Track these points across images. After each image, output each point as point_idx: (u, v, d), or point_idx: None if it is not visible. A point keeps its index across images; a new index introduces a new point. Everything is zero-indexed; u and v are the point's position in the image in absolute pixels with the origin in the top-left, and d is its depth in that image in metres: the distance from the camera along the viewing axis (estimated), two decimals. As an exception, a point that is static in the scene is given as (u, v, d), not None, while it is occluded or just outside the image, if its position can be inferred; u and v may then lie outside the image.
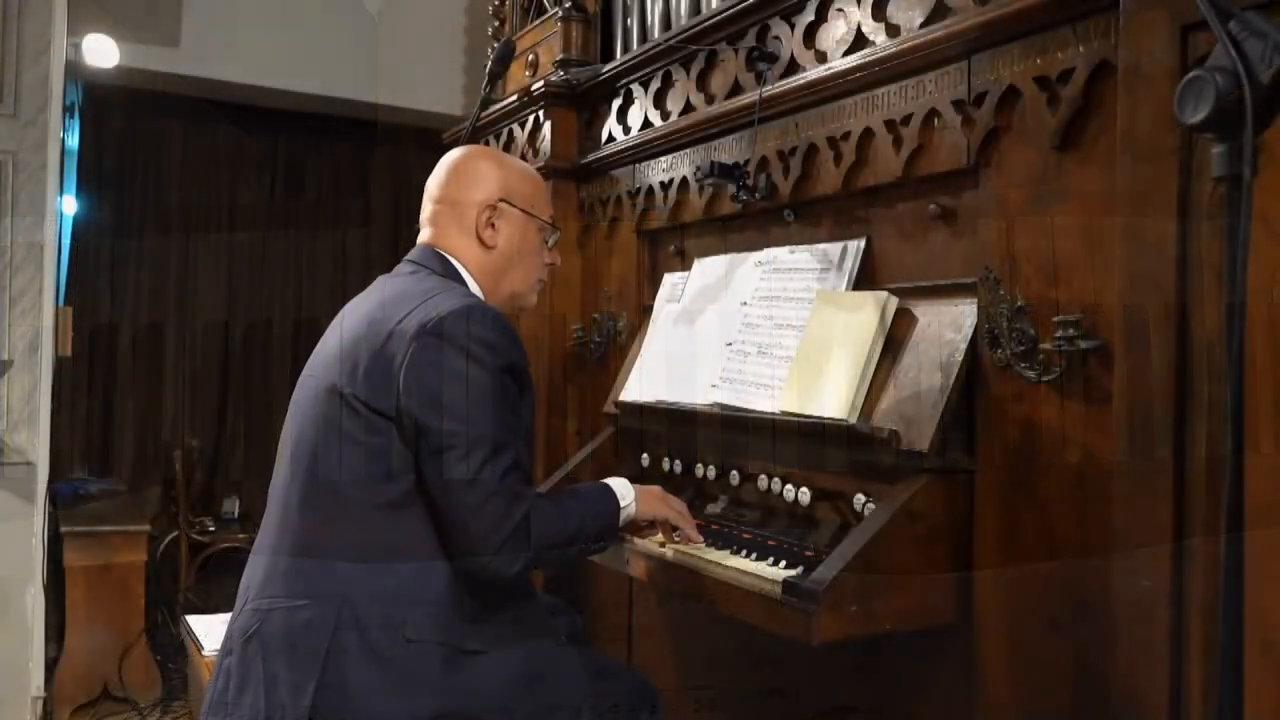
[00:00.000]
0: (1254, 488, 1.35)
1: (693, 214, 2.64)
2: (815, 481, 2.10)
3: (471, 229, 1.89)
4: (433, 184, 1.95)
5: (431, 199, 1.94)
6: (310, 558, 1.68)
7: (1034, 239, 1.75)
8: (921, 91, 1.95)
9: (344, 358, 1.73)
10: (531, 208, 1.94)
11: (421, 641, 1.63)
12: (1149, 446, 1.48)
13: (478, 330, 1.67)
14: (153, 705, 4.26)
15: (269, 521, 1.79)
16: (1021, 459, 1.76)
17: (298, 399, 1.84)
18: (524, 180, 1.96)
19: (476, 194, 1.89)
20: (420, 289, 1.77)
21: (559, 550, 1.72)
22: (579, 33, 3.18)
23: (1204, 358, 1.42)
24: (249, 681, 1.65)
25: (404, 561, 1.65)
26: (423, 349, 1.65)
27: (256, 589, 1.73)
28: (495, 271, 1.91)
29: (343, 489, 1.67)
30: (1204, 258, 1.43)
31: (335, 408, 1.70)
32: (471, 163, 1.94)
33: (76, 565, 4.18)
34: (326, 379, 1.75)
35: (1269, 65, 0.97)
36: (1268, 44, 0.98)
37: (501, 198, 1.90)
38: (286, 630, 1.65)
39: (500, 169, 1.93)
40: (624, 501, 1.86)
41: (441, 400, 1.63)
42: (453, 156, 1.96)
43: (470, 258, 1.89)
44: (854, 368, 1.94)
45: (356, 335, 1.74)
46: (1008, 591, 1.78)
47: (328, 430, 1.71)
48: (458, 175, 1.92)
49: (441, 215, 1.91)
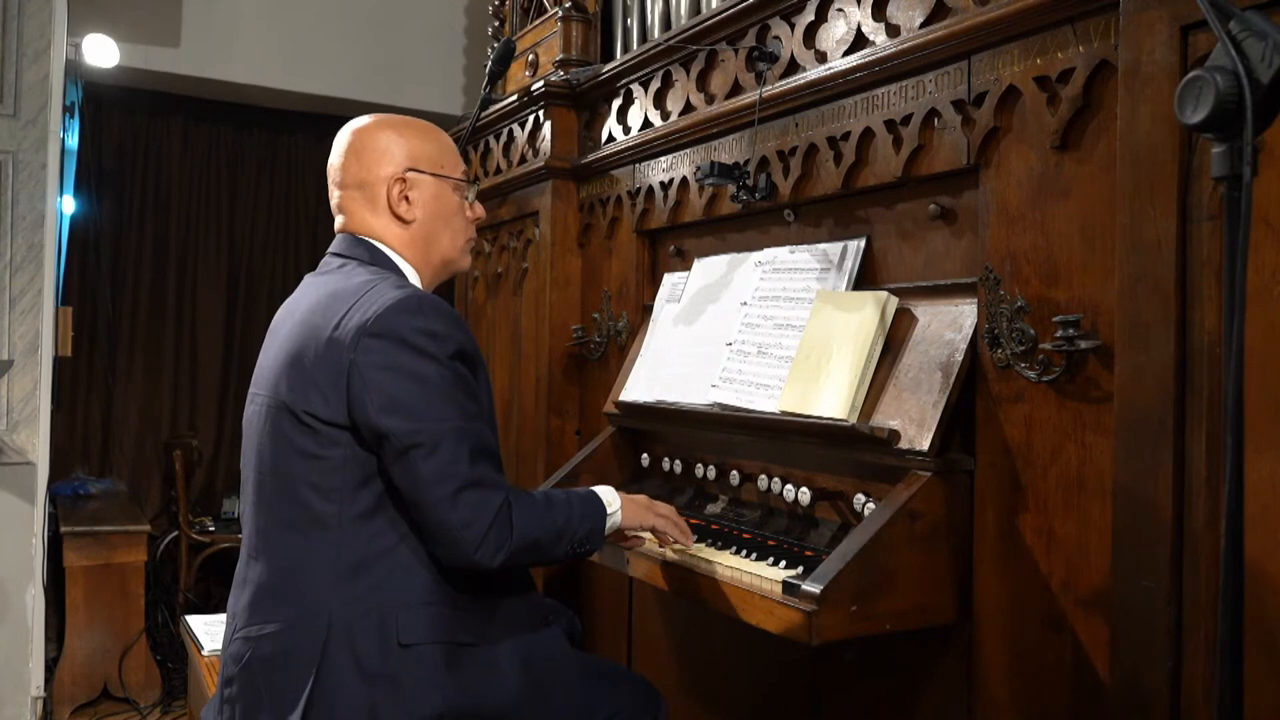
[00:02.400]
0: (1254, 488, 1.35)
1: (693, 214, 2.64)
2: (815, 481, 2.10)
3: (385, 207, 1.80)
4: (334, 167, 1.84)
5: (336, 184, 1.84)
6: (290, 578, 1.64)
7: (1034, 239, 1.75)
8: (921, 91, 1.95)
9: (287, 372, 1.67)
10: (440, 169, 1.84)
11: (417, 645, 1.61)
12: (1149, 446, 1.48)
13: (418, 321, 1.61)
14: (153, 705, 4.27)
15: (246, 548, 1.76)
16: (1021, 459, 1.76)
17: (250, 419, 1.77)
18: (426, 141, 1.84)
19: (382, 170, 1.79)
20: (351, 285, 1.69)
21: (544, 544, 1.68)
22: (579, 33, 3.18)
23: (1204, 358, 1.43)
24: (253, 710, 1.64)
25: (385, 567, 1.62)
26: (366, 352, 1.59)
27: (244, 617, 1.69)
28: (421, 244, 1.83)
29: (312, 506, 1.63)
30: (1204, 258, 1.43)
31: (287, 424, 1.65)
32: (368, 137, 1.82)
33: (76, 565, 4.18)
34: (274, 396, 1.69)
35: (1269, 65, 0.97)
36: (1268, 44, 0.98)
37: (409, 167, 1.80)
38: (277, 653, 1.62)
39: (400, 136, 1.82)
40: (610, 508, 1.82)
41: (396, 400, 1.58)
42: (346, 134, 1.84)
43: (392, 237, 1.81)
44: (854, 368, 1.94)
45: (294, 346, 1.68)
46: (1008, 591, 1.78)
47: (285, 448, 1.65)
48: (357, 154, 1.81)
49: (350, 200, 1.82)
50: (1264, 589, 1.36)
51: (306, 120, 5.63)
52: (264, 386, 1.74)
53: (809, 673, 2.25)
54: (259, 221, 5.71)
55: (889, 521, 1.76)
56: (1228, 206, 1.01)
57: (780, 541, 2.06)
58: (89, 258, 5.23)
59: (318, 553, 1.62)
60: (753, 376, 2.19)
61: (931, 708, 1.96)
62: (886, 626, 1.76)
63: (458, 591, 1.66)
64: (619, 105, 2.94)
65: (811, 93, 2.19)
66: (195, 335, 5.55)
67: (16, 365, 3.78)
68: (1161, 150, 1.46)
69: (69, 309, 4.07)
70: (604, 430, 2.72)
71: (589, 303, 3.09)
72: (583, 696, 1.78)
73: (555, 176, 3.10)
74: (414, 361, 1.60)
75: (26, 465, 3.82)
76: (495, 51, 2.63)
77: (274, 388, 1.69)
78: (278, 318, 1.84)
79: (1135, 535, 1.50)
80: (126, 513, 4.52)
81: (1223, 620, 1.01)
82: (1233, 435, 1.00)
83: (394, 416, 1.58)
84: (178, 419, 5.50)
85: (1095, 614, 1.63)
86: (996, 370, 1.80)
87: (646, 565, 2.10)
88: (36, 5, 3.82)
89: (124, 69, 4.63)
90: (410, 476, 1.58)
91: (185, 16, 4.83)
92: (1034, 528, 1.74)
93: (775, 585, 1.78)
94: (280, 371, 1.69)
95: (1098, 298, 1.64)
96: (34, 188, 3.82)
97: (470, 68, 5.42)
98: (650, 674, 2.43)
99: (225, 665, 1.72)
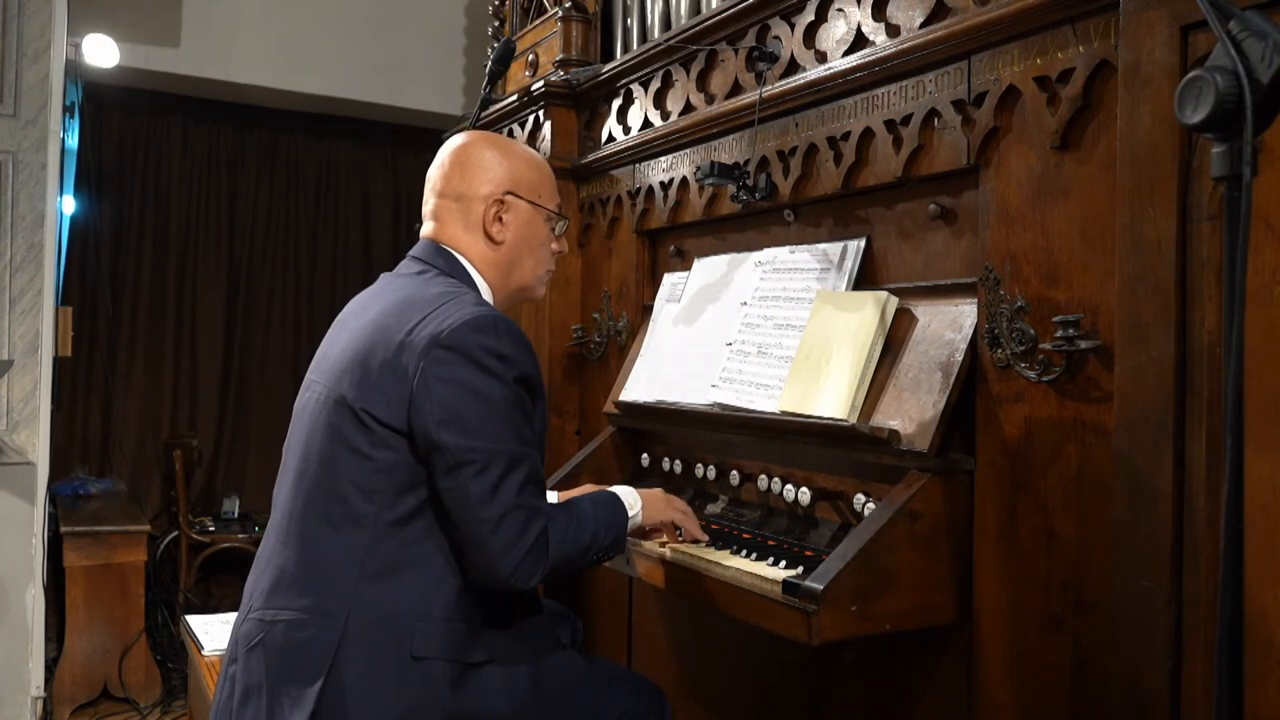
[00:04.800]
0: (1254, 488, 1.35)
1: (693, 214, 2.64)
2: (815, 481, 2.10)
3: (478, 224, 1.82)
4: (435, 175, 1.87)
5: (435, 192, 1.86)
6: (315, 570, 1.64)
7: (1034, 239, 1.75)
8: (921, 91, 1.95)
9: (352, 368, 1.67)
10: (539, 198, 1.87)
11: (429, 659, 1.60)
12: (1149, 446, 1.48)
13: (490, 341, 1.62)
14: (153, 705, 4.27)
15: (273, 529, 1.75)
16: (1021, 459, 1.76)
17: (303, 406, 1.78)
18: (530, 169, 1.88)
19: (482, 187, 1.82)
20: (429, 295, 1.71)
21: (574, 560, 1.70)
22: (579, 33, 3.18)
23: (1204, 358, 1.43)
24: (252, 692, 1.63)
25: (412, 576, 1.62)
26: (435, 363, 1.60)
27: (261, 599, 1.69)
28: (504, 266, 1.85)
29: (351, 503, 1.63)
30: (1204, 258, 1.43)
31: (344, 419, 1.65)
32: (475, 153, 1.85)
33: (76, 565, 4.18)
34: (334, 389, 1.69)
35: (1269, 65, 0.97)
36: (1268, 44, 0.97)
37: (509, 190, 1.83)
38: (290, 643, 1.62)
39: (506, 159, 1.85)
40: (631, 511, 1.85)
41: (457, 415, 1.59)
42: (454, 145, 1.87)
43: (477, 254, 1.83)
44: (854, 368, 1.94)
45: (364, 344, 1.68)
46: (1008, 591, 1.78)
47: (336, 443, 1.65)
48: (461, 167, 1.84)
49: (445, 210, 1.84)
50: (1264, 589, 1.36)
51: (306, 120, 5.64)
52: (325, 377, 1.74)
53: (809, 673, 2.25)
54: (259, 221, 5.71)
55: (889, 521, 1.76)
56: (1228, 206, 1.01)
57: (780, 541, 2.06)
58: (89, 258, 5.24)
59: (348, 550, 1.62)
60: (753, 376, 2.19)
61: (931, 708, 1.96)
62: (886, 626, 1.76)
63: (476, 608, 1.66)
64: (619, 105, 2.94)
65: (811, 93, 2.19)
66: (195, 335, 5.55)
67: (16, 365, 3.78)
68: (1161, 150, 1.46)
69: (69, 309, 4.07)
70: (604, 430, 2.72)
71: (589, 303, 3.09)
72: (589, 701, 1.78)
73: (555, 176, 3.09)
74: (479, 379, 1.61)
75: (26, 465, 3.83)
76: (495, 51, 2.63)
77: (336, 381, 1.70)
78: (348, 310, 1.84)
79: (1135, 535, 1.50)
80: (126, 513, 4.52)
81: (1222, 620, 1.01)
82: (1233, 435, 1.00)
83: (451, 430, 1.58)
84: (178, 419, 5.50)
85: (1095, 614, 1.63)
86: (996, 370, 1.80)
87: (647, 565, 2.10)
88: (36, 5, 3.82)
89: (124, 69, 4.63)
90: (458, 493, 1.59)
91: (185, 16, 4.83)
92: (1034, 528, 1.74)
93: (775, 585, 1.78)
94: (345, 366, 1.69)
95: (1098, 298, 1.64)
96: (34, 188, 3.83)
97: (470, 68, 5.42)
98: (650, 674, 2.43)
99: (233, 644, 1.71)
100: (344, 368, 1.69)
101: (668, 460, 2.51)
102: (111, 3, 4.62)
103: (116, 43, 4.44)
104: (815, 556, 1.88)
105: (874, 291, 2.00)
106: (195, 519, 5.10)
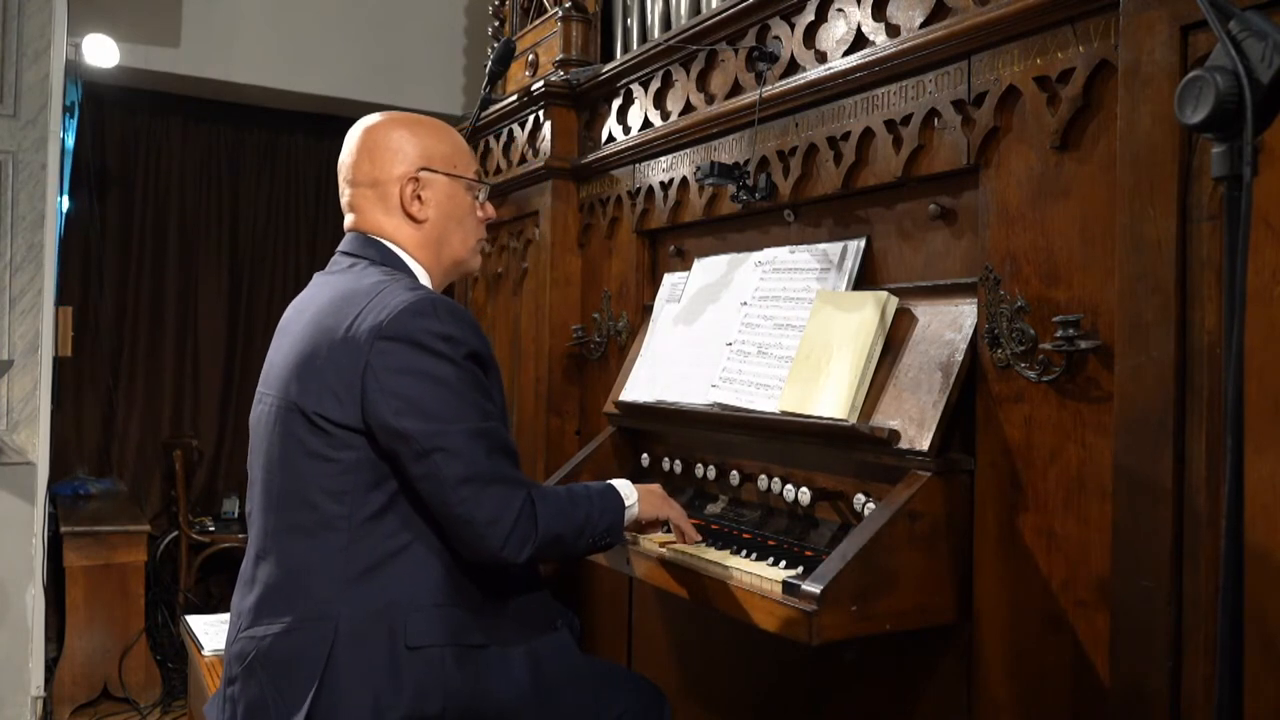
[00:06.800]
0: (1254, 488, 1.35)
1: (693, 214, 2.64)
2: (815, 481, 2.10)
3: (397, 207, 1.79)
4: (345, 164, 1.83)
5: (348, 182, 1.82)
6: (298, 580, 1.63)
7: (1034, 239, 1.75)
8: (921, 91, 1.95)
9: (298, 373, 1.65)
10: (454, 168, 1.83)
11: (425, 647, 1.60)
12: (1149, 446, 1.48)
13: (433, 324, 1.60)
14: (153, 705, 4.27)
15: (251, 547, 1.74)
16: (1021, 459, 1.76)
17: (257, 418, 1.76)
18: (440, 140, 1.83)
19: (395, 168, 1.78)
20: (363, 286, 1.68)
21: (567, 539, 1.69)
22: (579, 33, 3.18)
23: (1204, 358, 1.43)
24: (254, 710, 1.63)
25: (395, 569, 1.61)
26: (381, 354, 1.59)
27: (249, 616, 1.67)
28: (432, 245, 1.82)
29: (321, 508, 1.61)
30: (1204, 258, 1.43)
31: (299, 426, 1.63)
32: (382, 135, 1.81)
33: (76, 565, 4.18)
34: (284, 397, 1.67)
35: (1269, 65, 0.97)
36: (1268, 44, 0.97)
37: (422, 166, 1.79)
38: (284, 655, 1.61)
39: (413, 135, 1.81)
40: (628, 501, 1.84)
41: (413, 403, 1.57)
42: (359, 131, 1.83)
43: (404, 237, 1.80)
44: (854, 368, 1.94)
45: (306, 347, 1.66)
46: (1008, 591, 1.78)
47: (296, 450, 1.63)
48: (369, 152, 1.80)
49: (362, 198, 1.81)
50: (1264, 589, 1.36)
51: (306, 120, 5.63)
52: (273, 387, 1.72)
53: (809, 673, 2.25)
54: (259, 221, 5.71)
55: (889, 521, 1.76)
56: (1228, 206, 1.01)
57: (780, 541, 2.06)
58: (89, 258, 5.23)
59: (327, 555, 1.61)
60: (753, 376, 2.19)
61: (931, 708, 1.96)
62: (886, 626, 1.76)
63: (469, 592, 1.66)
64: (619, 105, 2.94)
65: (811, 93, 2.19)
66: (196, 335, 5.54)
67: (16, 365, 3.78)
68: (1161, 150, 1.46)
69: (69, 309, 4.07)
70: (604, 430, 2.72)
71: (589, 303, 3.09)
72: (590, 698, 1.78)
73: (555, 176, 3.10)
74: (430, 364, 1.60)
75: (26, 465, 3.83)
76: (495, 51, 2.63)
77: (284, 388, 1.68)
78: (287, 316, 1.83)
79: (1135, 535, 1.50)
80: (126, 513, 4.52)
81: (1222, 620, 1.01)
82: (1233, 435, 1.00)
83: (413, 419, 1.57)
84: (178, 419, 5.49)
85: (1095, 614, 1.63)
86: (996, 370, 1.80)
87: (646, 565, 2.10)
88: (36, 5, 3.82)
89: (124, 69, 4.63)
90: (433, 479, 1.58)
91: (185, 16, 4.83)
92: (1034, 528, 1.74)
93: (775, 585, 1.78)
94: (291, 372, 1.68)
95: (1098, 298, 1.64)
96: (34, 188, 3.83)
97: (470, 68, 5.42)
98: (650, 674, 2.43)
99: (229, 664, 1.71)
100: (290, 374, 1.67)
101: (668, 460, 2.51)
102: (111, 3, 4.62)
103: (116, 43, 4.44)
104: (815, 556, 1.88)
105: (874, 291, 2.00)
106: (195, 519, 5.10)
